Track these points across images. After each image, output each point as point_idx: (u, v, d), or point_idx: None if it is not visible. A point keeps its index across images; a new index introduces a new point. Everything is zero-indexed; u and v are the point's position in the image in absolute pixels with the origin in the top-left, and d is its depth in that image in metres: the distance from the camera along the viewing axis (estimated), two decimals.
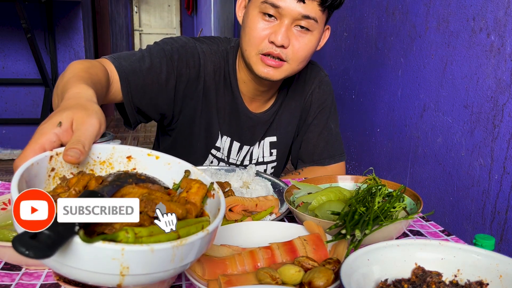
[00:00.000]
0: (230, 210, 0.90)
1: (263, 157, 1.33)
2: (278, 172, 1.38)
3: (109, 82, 0.99)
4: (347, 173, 2.76)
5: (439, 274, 0.64)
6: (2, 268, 0.73)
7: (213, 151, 1.27)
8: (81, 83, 0.75)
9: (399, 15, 2.06)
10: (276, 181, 1.09)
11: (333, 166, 1.33)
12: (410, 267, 0.66)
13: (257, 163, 1.32)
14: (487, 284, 0.63)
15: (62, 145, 0.59)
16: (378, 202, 0.83)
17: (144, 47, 1.19)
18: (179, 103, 1.16)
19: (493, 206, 1.47)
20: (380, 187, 0.90)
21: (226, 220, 0.88)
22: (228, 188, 0.98)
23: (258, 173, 1.11)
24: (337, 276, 0.63)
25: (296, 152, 1.37)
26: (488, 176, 1.48)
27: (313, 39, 1.07)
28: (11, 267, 0.74)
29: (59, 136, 0.58)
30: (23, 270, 0.73)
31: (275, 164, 1.35)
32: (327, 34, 1.16)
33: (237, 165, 1.29)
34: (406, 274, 0.65)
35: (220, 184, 0.98)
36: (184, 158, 1.11)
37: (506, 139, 1.41)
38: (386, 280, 0.62)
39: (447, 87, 1.70)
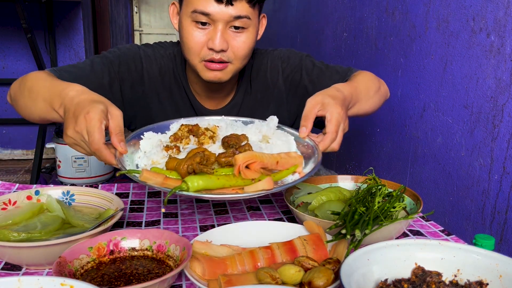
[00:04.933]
0: (247, 167, 0.78)
1: None
2: None
3: None
4: (347, 173, 2.76)
5: (439, 274, 0.64)
6: (2, 268, 0.73)
7: None
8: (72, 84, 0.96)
9: (399, 15, 2.06)
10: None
11: (358, 74, 1.22)
12: (410, 267, 0.66)
13: None
14: (487, 284, 0.63)
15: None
16: (378, 202, 0.83)
17: None
18: (130, 107, 1.20)
19: (493, 206, 1.47)
20: (380, 187, 0.90)
21: (242, 179, 0.77)
22: (246, 141, 0.87)
23: (279, 126, 0.99)
24: (337, 276, 0.63)
25: None
26: (488, 176, 1.48)
27: (250, 35, 1.08)
28: (11, 267, 0.74)
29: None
30: (23, 270, 0.73)
31: None
32: (264, 22, 1.17)
33: None
34: (406, 274, 0.65)
35: (237, 137, 0.86)
36: None
37: (506, 139, 1.41)
38: (386, 280, 0.62)
39: (447, 87, 1.70)
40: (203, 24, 1.04)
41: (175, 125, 0.96)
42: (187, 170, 0.76)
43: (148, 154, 0.86)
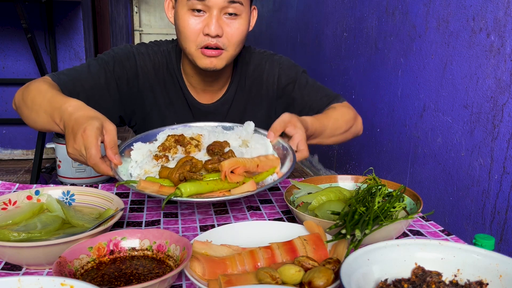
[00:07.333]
0: (232, 172, 0.87)
1: None
2: None
3: None
4: (347, 173, 2.76)
5: (439, 274, 0.64)
6: (2, 268, 0.73)
7: None
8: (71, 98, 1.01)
9: (399, 15, 2.06)
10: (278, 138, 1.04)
11: (339, 107, 1.27)
12: (410, 267, 0.66)
13: None
14: (487, 284, 0.63)
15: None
16: (378, 202, 0.83)
17: None
18: (128, 104, 1.26)
19: (493, 206, 1.47)
20: (380, 187, 0.90)
21: (228, 183, 0.86)
22: (228, 148, 0.95)
23: (256, 130, 1.07)
24: (337, 276, 0.63)
25: None
26: (488, 176, 1.48)
27: (243, 22, 1.14)
28: (11, 267, 0.74)
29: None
30: (23, 270, 0.73)
31: None
32: (254, 14, 1.24)
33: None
34: (406, 274, 0.65)
35: (219, 144, 0.96)
36: None
37: (506, 139, 1.41)
38: (386, 280, 0.62)
39: (447, 87, 1.70)
40: (198, 11, 1.10)
41: (161, 135, 1.04)
42: (179, 178, 0.85)
43: (140, 164, 0.94)
